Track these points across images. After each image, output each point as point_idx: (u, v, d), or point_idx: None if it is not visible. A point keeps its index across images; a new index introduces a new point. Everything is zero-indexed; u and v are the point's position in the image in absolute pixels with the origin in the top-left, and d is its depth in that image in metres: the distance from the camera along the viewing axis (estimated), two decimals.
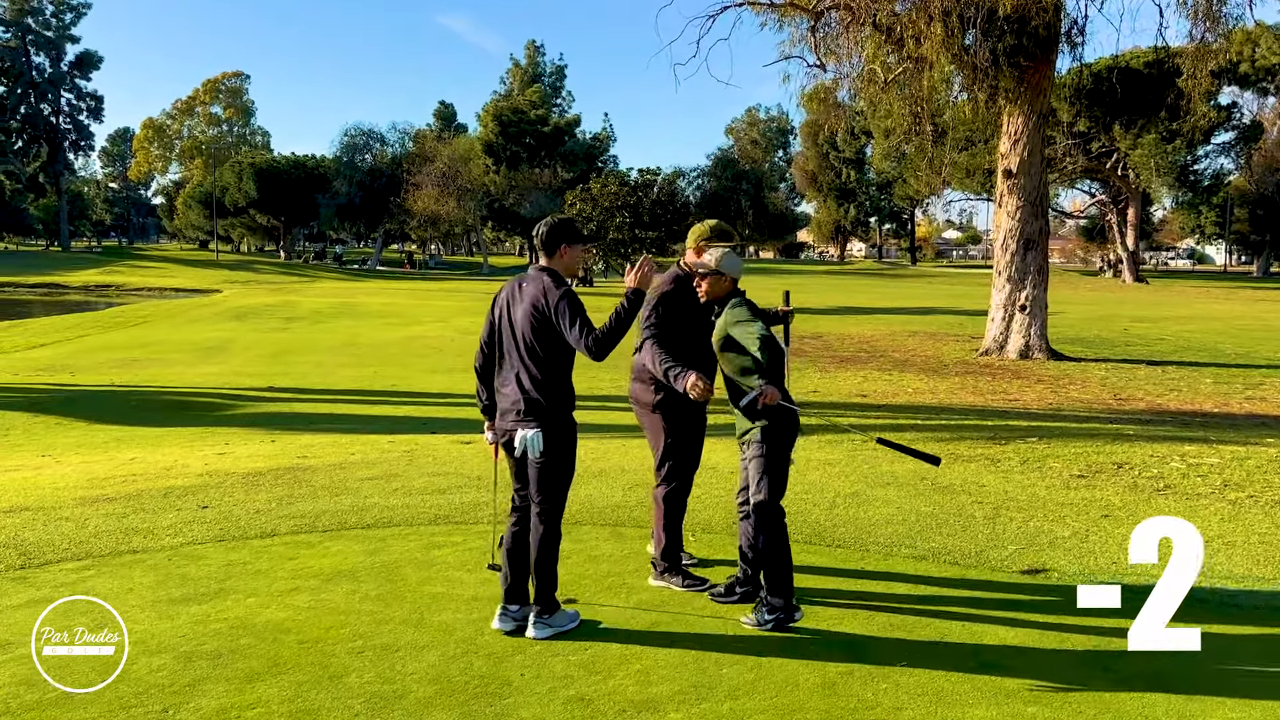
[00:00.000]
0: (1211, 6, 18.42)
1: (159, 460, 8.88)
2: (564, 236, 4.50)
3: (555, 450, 4.34)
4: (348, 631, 4.26)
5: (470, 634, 4.24)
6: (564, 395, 4.41)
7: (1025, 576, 5.02)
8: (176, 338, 25.34)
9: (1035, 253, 18.76)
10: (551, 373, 4.36)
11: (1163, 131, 50.17)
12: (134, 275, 64.96)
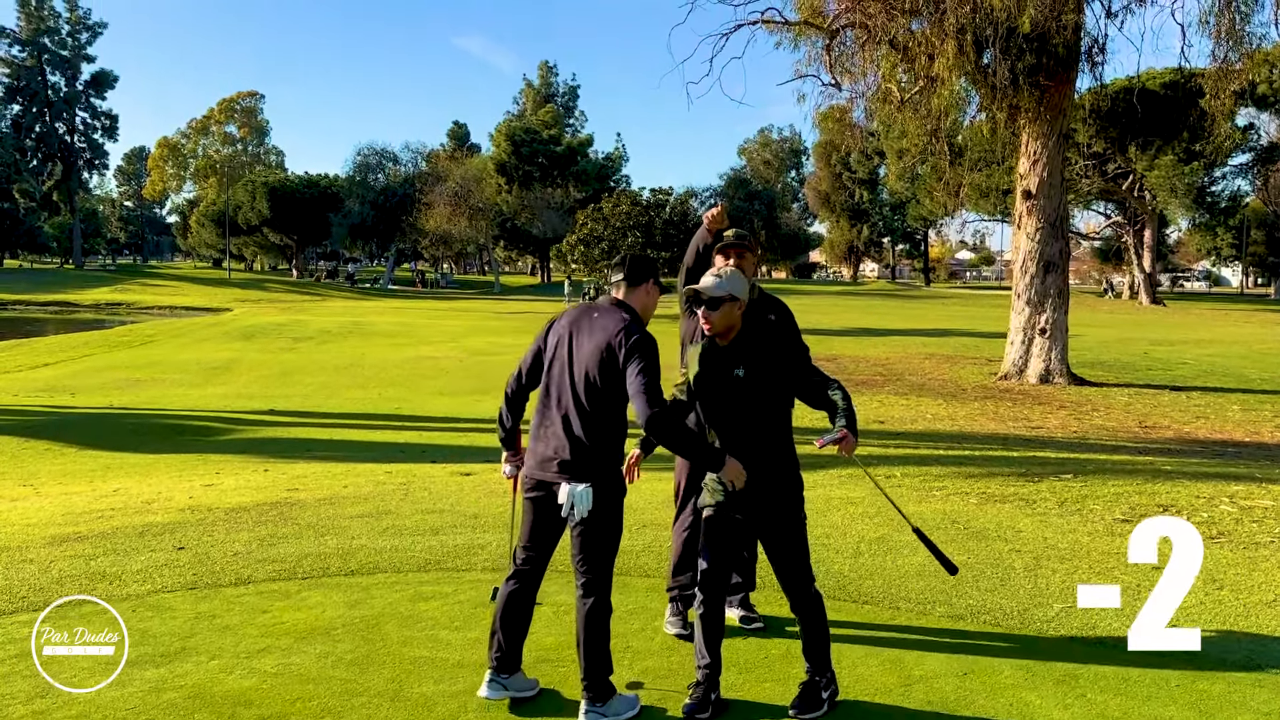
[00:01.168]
0: (1235, 26, 18.01)
1: (143, 492, 8.46)
2: (653, 272, 4.00)
3: (606, 509, 3.74)
4: (315, 705, 3.79)
5: (453, 710, 3.77)
6: (618, 447, 3.85)
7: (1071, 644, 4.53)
8: (182, 357, 25.02)
9: (1055, 275, 18.29)
10: (611, 420, 3.77)
11: (1180, 153, 49.67)
12: (146, 293, 64.96)
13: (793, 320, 5.06)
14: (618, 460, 3.85)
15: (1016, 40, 17.15)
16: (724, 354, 3.77)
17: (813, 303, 55.61)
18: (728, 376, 3.74)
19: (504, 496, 7.75)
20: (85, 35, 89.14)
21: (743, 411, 3.72)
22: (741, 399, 3.73)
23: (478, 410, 15.19)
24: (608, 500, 3.73)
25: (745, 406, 3.73)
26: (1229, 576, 5.35)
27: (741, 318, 3.82)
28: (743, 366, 3.71)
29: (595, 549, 3.77)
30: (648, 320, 3.96)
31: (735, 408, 3.74)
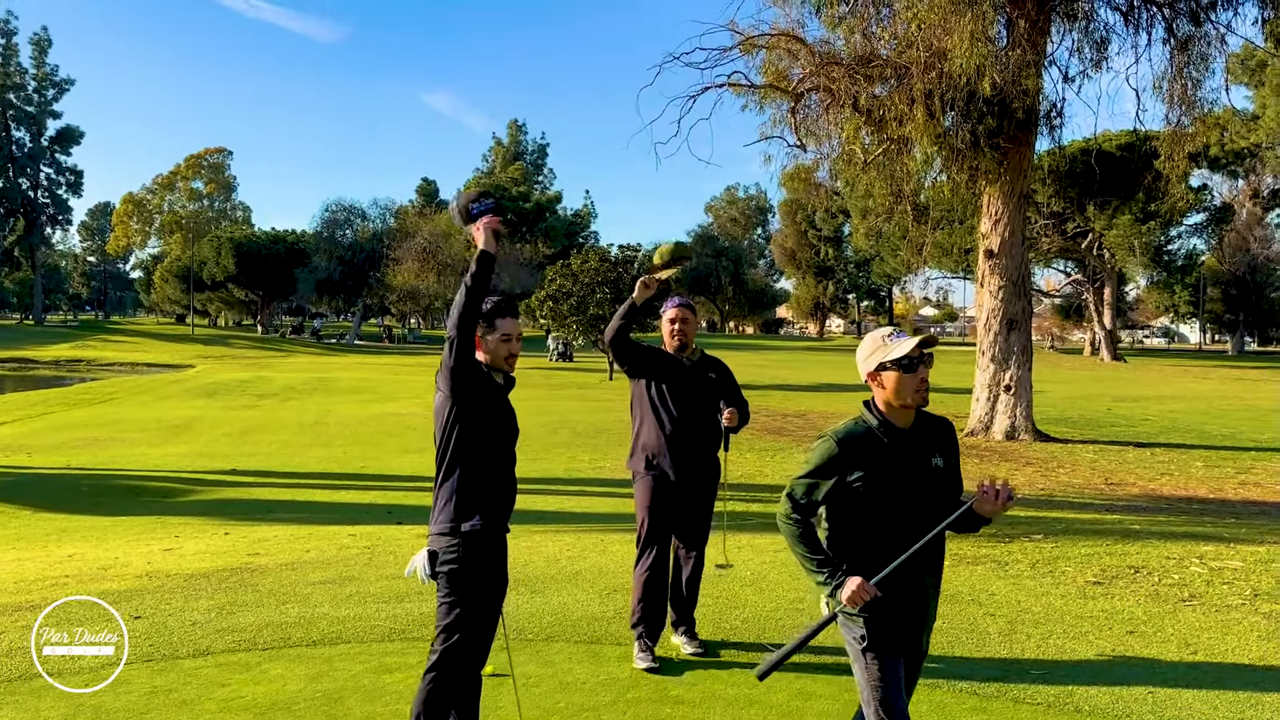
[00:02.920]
0: (1187, 91, 18.58)
1: (99, 557, 8.22)
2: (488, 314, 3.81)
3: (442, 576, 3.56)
4: None
5: None
6: (456, 510, 3.62)
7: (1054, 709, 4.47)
8: (142, 416, 24.58)
9: (1019, 332, 18.53)
10: (443, 479, 3.66)
11: (1137, 212, 50.90)
12: (107, 350, 64.07)
13: (733, 379, 5.43)
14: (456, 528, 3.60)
15: (977, 104, 17.56)
16: (914, 440, 3.09)
17: (780, 358, 55.89)
18: (925, 467, 3.11)
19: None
20: (51, 91, 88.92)
21: (933, 509, 3.10)
22: (936, 494, 3.12)
23: None
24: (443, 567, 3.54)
25: (937, 503, 3.11)
26: (1202, 641, 5.33)
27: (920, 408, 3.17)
28: (940, 455, 3.14)
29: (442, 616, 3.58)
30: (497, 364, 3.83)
31: (927, 504, 3.10)
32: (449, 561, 3.55)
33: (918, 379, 3.01)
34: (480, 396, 3.72)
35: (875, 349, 3.08)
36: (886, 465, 3.02)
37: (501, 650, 5.20)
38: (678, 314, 5.24)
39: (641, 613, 5.08)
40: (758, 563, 7.33)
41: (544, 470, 14.63)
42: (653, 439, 5.21)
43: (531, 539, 8.77)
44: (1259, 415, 24.76)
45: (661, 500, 5.18)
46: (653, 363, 5.26)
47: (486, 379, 3.79)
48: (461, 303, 3.50)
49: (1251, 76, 53.25)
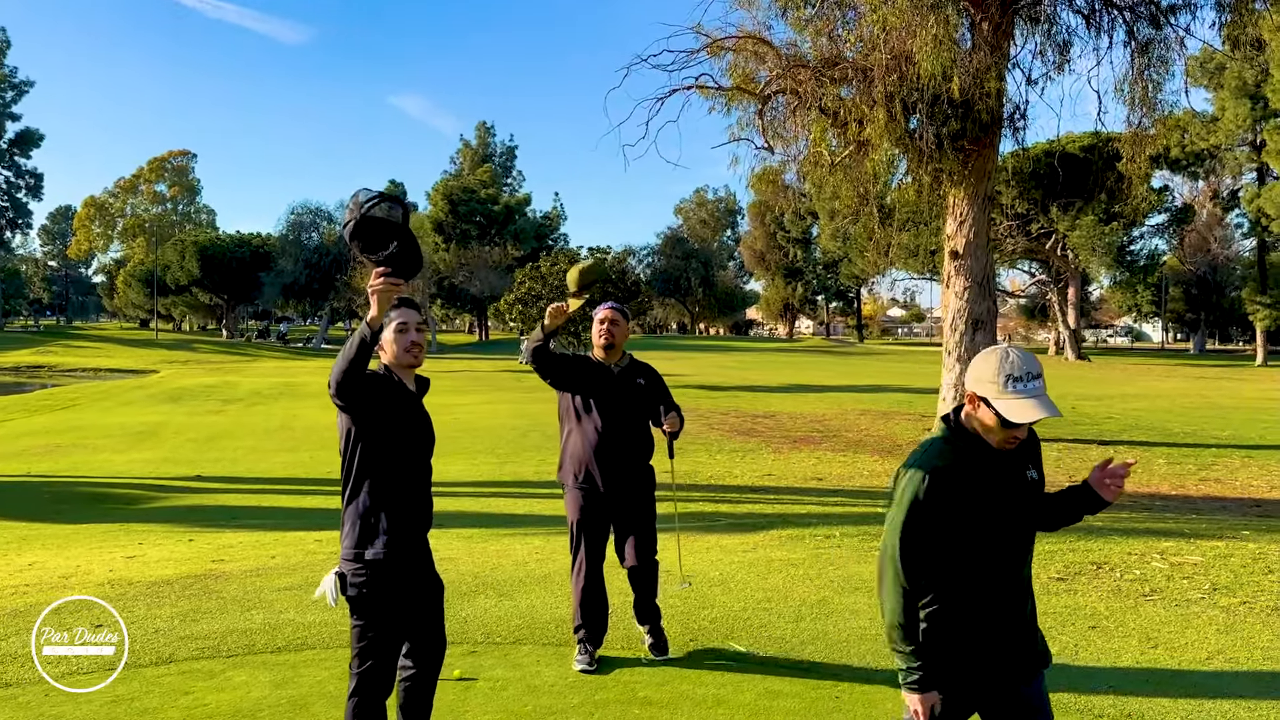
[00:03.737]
0: (1148, 94, 18.85)
1: (60, 565, 8.10)
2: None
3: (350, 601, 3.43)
4: None
5: None
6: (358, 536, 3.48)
7: None
8: (106, 421, 24.25)
9: (984, 333, 18.69)
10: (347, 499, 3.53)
11: (1100, 213, 51.61)
12: (69, 355, 63.16)
13: (663, 384, 5.33)
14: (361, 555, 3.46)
15: (942, 106, 17.71)
16: (1009, 452, 2.68)
17: (750, 359, 56.07)
18: (1020, 481, 2.69)
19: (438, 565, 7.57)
20: (10, 94, 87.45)
21: (1030, 529, 2.73)
22: (1031, 511, 2.73)
23: None
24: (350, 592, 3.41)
25: (1031, 522, 2.73)
26: (1163, 634, 5.41)
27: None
28: (1034, 466, 2.75)
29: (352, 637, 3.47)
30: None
31: (1026, 525, 2.71)
32: (356, 586, 3.40)
33: (1012, 435, 2.61)
34: (385, 409, 3.51)
35: (991, 381, 2.58)
36: (984, 487, 2.61)
37: (469, 654, 5.21)
38: (608, 314, 5.19)
39: (581, 620, 5.07)
40: (726, 563, 7.35)
41: (514, 474, 14.59)
42: (580, 449, 5.14)
43: (501, 543, 8.75)
44: (1220, 413, 25.16)
45: (592, 512, 5.11)
46: (577, 372, 5.19)
47: (395, 388, 3.58)
48: (341, 369, 3.36)
49: (1211, 79, 54.15)
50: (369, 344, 3.32)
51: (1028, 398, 2.52)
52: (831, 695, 4.62)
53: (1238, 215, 65.93)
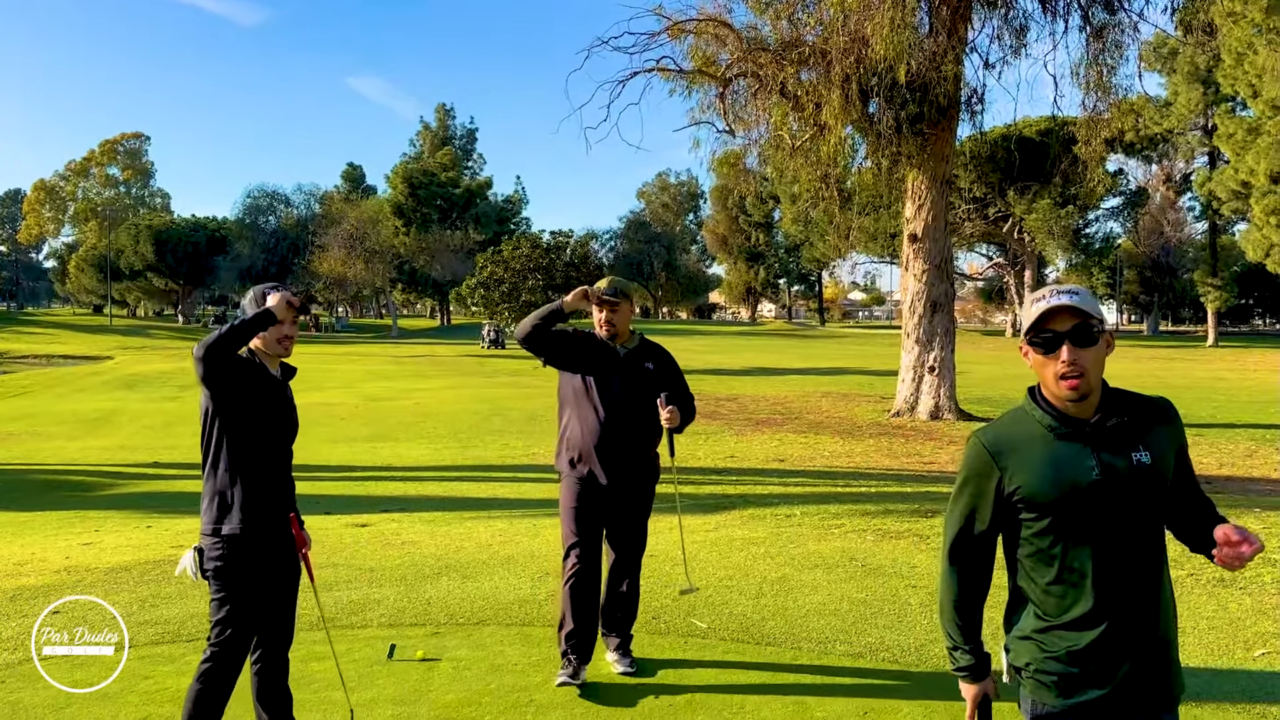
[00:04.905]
0: (1103, 78, 19.11)
1: (14, 553, 7.99)
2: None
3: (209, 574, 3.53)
4: None
5: None
6: (217, 512, 3.56)
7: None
8: (58, 409, 23.85)
9: (942, 314, 18.92)
10: (210, 478, 3.60)
11: (1055, 197, 52.29)
12: (20, 342, 61.92)
13: (675, 368, 4.90)
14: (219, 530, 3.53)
15: (900, 90, 17.85)
16: (1103, 432, 2.21)
17: (713, 343, 56.27)
18: (1127, 465, 2.20)
19: (401, 548, 7.59)
20: None
21: (1139, 523, 2.23)
22: (1142, 502, 2.22)
23: (375, 458, 14.87)
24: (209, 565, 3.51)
25: (1143, 514, 2.23)
26: None
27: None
28: (1147, 450, 2.22)
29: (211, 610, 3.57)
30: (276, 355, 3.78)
31: (1132, 519, 2.22)
32: (214, 559, 3.49)
33: (1060, 363, 2.18)
34: (248, 393, 3.56)
35: (1027, 317, 2.24)
36: (1058, 470, 2.20)
37: (433, 635, 5.23)
38: (606, 302, 4.71)
39: (571, 628, 4.59)
40: (688, 543, 7.40)
41: (477, 458, 14.58)
42: (579, 436, 4.68)
43: (464, 525, 8.76)
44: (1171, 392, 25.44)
45: (588, 504, 4.66)
46: (577, 350, 4.73)
47: (258, 372, 3.62)
48: (208, 344, 3.37)
49: (1164, 64, 54.97)
50: (243, 334, 3.42)
51: (1045, 301, 2.21)
52: (790, 661, 4.70)
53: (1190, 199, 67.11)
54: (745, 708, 4.18)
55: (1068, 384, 2.17)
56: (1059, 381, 2.18)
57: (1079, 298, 2.19)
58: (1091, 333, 2.17)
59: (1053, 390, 2.22)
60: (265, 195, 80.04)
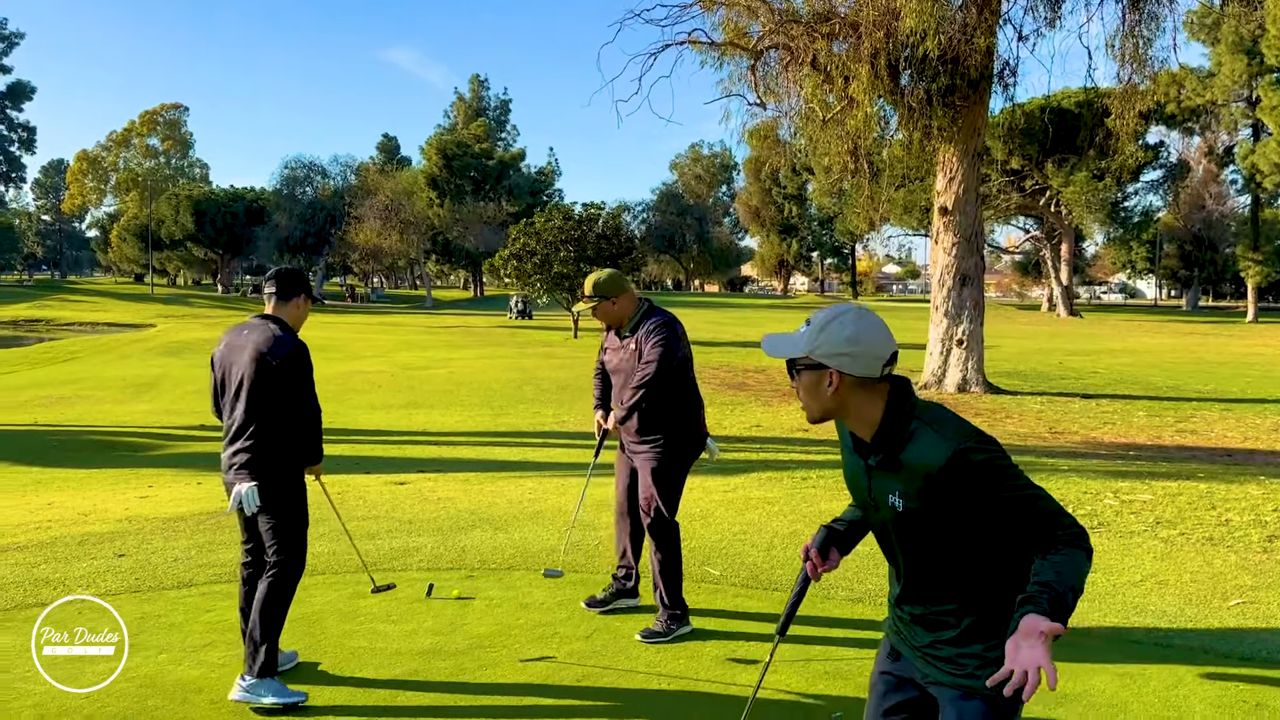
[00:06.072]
0: (1138, 50, 19.01)
1: (78, 505, 8.54)
2: (304, 286, 4.38)
3: (275, 502, 4.12)
4: None
5: (391, 691, 4.07)
6: (285, 447, 4.15)
7: None
8: (106, 374, 24.64)
9: (971, 288, 19.04)
10: (271, 425, 4.11)
11: (1093, 169, 51.67)
12: (66, 309, 63.33)
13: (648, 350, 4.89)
14: (285, 459, 4.13)
15: (931, 63, 17.90)
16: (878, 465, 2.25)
17: (743, 315, 56.44)
18: (885, 499, 2.24)
19: (437, 503, 8.03)
20: (1, 45, 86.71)
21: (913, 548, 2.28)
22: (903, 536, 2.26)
23: (410, 424, 15.37)
24: (274, 495, 4.07)
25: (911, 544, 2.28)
26: (1103, 561, 5.86)
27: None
28: (901, 496, 2.19)
29: (276, 533, 4.11)
30: (298, 329, 4.34)
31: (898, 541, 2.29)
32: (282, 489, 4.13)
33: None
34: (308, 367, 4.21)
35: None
36: (852, 475, 2.38)
37: (467, 578, 5.66)
38: (586, 310, 5.07)
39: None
40: (706, 501, 7.80)
41: (509, 425, 15.03)
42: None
43: (495, 484, 9.19)
44: (1205, 368, 25.62)
45: (623, 468, 5.09)
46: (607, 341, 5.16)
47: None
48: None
49: (1208, 34, 53.98)
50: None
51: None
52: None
53: (1232, 171, 65.98)
54: (750, 646, 4.57)
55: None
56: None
57: (777, 344, 2.29)
58: (790, 368, 2.28)
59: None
60: (303, 166, 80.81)
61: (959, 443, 2.09)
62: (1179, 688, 4.04)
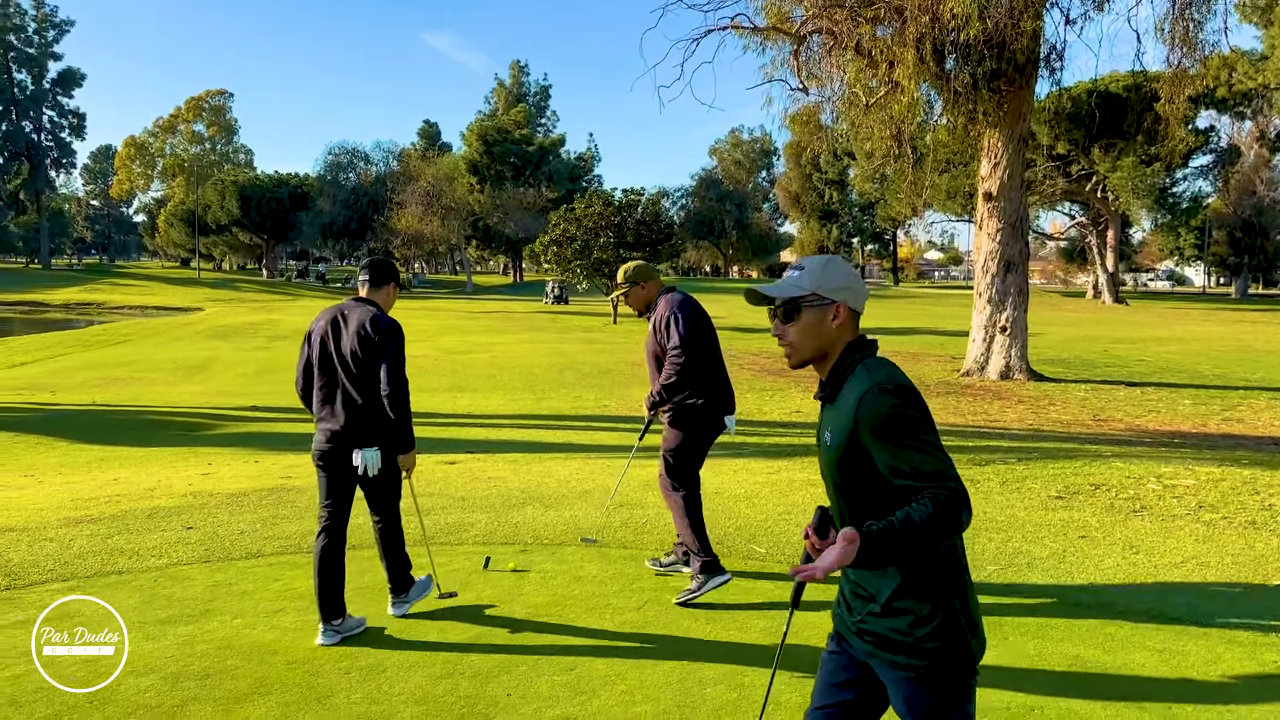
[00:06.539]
0: (1189, 33, 18.74)
1: (142, 481, 8.87)
2: (394, 275, 4.94)
3: (389, 464, 4.69)
4: (334, 652, 4.30)
5: (456, 655, 4.28)
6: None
7: (1000, 598, 5.09)
8: (158, 356, 25.23)
9: (1015, 274, 18.95)
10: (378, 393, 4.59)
11: (1141, 155, 50.83)
12: (115, 293, 64.64)
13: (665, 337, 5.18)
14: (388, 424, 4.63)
15: (976, 47, 17.79)
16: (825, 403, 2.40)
17: None
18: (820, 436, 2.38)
19: (488, 482, 8.25)
20: (52, 33, 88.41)
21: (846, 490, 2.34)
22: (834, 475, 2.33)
23: (455, 406, 15.64)
24: (387, 461, 4.64)
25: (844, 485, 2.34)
26: (1145, 543, 5.95)
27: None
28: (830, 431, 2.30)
29: (385, 494, 4.76)
30: (388, 312, 4.84)
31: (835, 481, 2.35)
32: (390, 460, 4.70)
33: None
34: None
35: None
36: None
37: (521, 552, 5.87)
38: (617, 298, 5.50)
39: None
40: (751, 482, 7.96)
41: (551, 408, 15.26)
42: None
43: (543, 464, 9.40)
44: (1253, 356, 25.25)
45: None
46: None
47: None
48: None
49: (1260, 16, 52.81)
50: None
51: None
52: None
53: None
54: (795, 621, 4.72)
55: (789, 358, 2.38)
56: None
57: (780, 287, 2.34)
58: (788, 310, 2.33)
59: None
60: (346, 152, 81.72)
61: (877, 381, 2.17)
62: (1217, 665, 4.14)
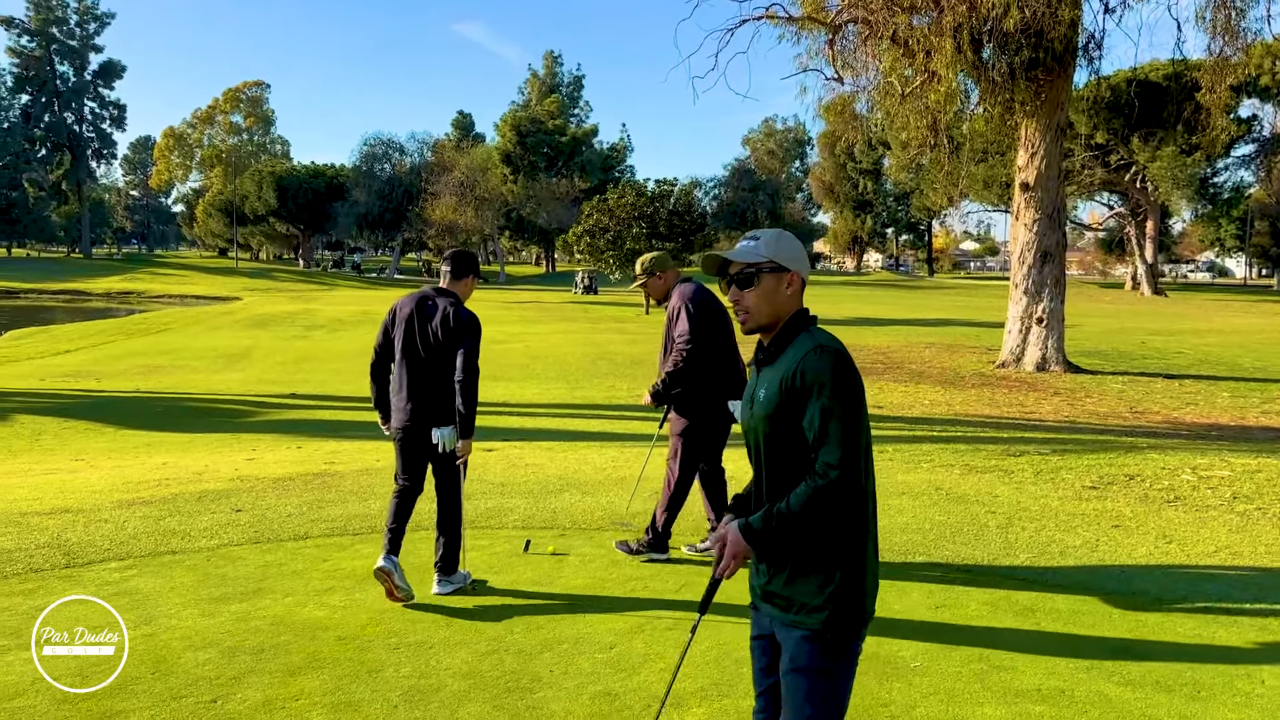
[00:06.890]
0: (1230, 21, 18.48)
1: (190, 465, 9.11)
2: (474, 268, 5.19)
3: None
4: (383, 629, 4.45)
5: (499, 633, 4.42)
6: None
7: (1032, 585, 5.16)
8: (199, 344, 25.67)
9: (1052, 265, 18.81)
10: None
11: (1181, 144, 50.06)
12: (155, 282, 65.67)
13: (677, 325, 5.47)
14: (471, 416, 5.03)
15: (1014, 36, 17.66)
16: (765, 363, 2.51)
17: (816, 293, 56.16)
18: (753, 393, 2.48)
19: (526, 469, 8.40)
20: (93, 25, 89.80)
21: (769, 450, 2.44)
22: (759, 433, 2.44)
23: (490, 395, 15.80)
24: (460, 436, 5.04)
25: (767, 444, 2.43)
26: (1178, 533, 5.98)
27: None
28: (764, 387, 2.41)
29: (453, 473, 5.15)
30: (466, 301, 5.12)
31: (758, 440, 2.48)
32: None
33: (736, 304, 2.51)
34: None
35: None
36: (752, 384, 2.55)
37: (559, 536, 6.00)
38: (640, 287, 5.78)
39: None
40: None
41: (585, 398, 15.39)
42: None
43: (579, 452, 9.54)
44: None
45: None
46: None
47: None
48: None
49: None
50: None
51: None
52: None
53: None
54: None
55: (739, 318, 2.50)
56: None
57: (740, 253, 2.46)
58: (746, 276, 2.43)
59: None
60: (381, 143, 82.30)
61: (820, 342, 2.33)
62: (1248, 653, 4.19)
